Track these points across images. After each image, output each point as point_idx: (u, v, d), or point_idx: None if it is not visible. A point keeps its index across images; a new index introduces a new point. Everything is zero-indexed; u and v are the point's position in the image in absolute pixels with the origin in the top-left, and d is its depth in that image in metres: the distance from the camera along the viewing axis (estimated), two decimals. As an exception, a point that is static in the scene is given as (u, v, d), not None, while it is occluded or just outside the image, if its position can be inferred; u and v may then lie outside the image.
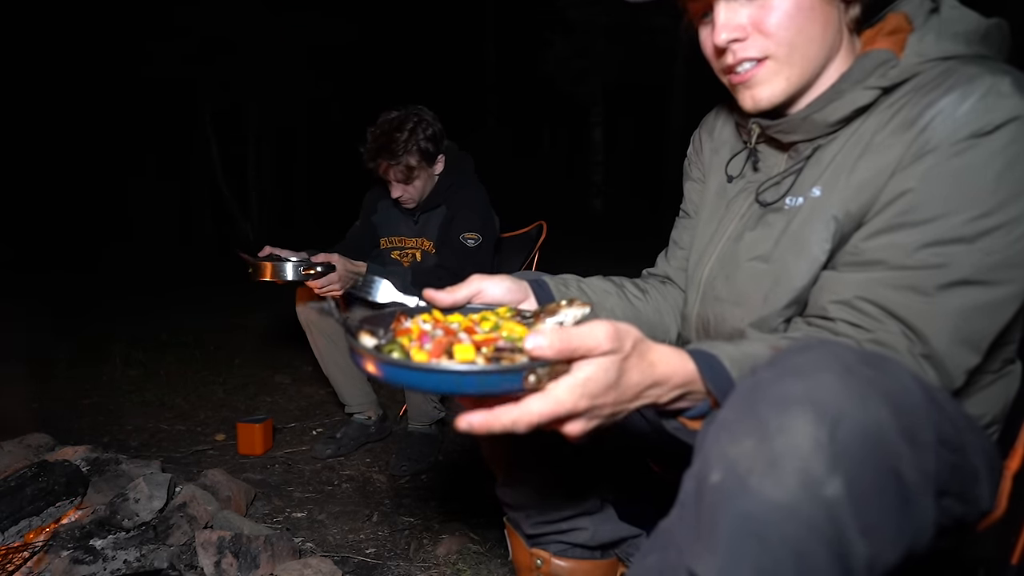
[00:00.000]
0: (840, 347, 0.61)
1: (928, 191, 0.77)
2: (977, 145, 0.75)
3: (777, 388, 0.57)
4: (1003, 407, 0.92)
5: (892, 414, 0.56)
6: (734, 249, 1.00)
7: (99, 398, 3.04)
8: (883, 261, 0.80)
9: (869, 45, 0.91)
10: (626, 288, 1.16)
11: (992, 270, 0.76)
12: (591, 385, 0.62)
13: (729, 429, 0.57)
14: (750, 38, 0.88)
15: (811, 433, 0.53)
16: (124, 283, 6.74)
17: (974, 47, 0.84)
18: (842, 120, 0.88)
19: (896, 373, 0.61)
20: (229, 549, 1.45)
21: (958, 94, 0.77)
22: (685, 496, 0.61)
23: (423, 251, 2.37)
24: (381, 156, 2.18)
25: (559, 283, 1.06)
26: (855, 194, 0.84)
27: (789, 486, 0.52)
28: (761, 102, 0.91)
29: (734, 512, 0.54)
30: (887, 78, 0.84)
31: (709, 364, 0.71)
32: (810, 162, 0.92)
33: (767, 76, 0.89)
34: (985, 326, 0.78)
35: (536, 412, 0.61)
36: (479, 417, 0.61)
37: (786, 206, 0.93)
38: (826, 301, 0.84)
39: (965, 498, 0.70)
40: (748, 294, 0.96)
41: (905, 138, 0.80)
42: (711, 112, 1.19)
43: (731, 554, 0.54)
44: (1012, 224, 0.75)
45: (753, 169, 1.03)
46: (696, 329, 1.08)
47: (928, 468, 0.58)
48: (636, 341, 0.65)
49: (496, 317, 0.80)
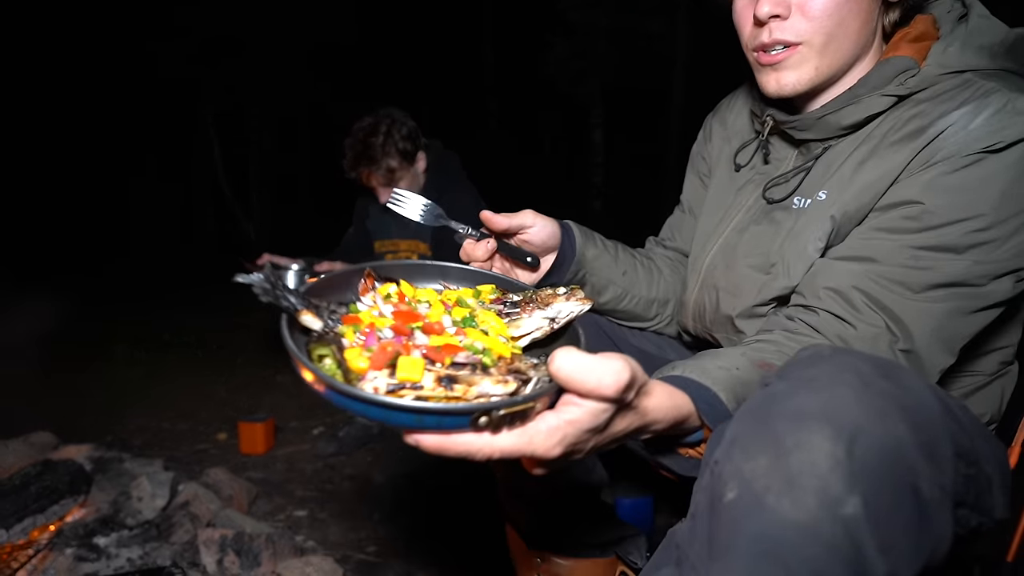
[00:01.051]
0: (854, 356, 0.59)
1: (932, 200, 0.78)
2: (987, 160, 0.76)
3: (792, 402, 0.55)
4: (1000, 407, 0.93)
5: (910, 429, 0.54)
6: (737, 241, 1.01)
7: (102, 397, 3.06)
8: (879, 258, 0.81)
9: (893, 50, 0.89)
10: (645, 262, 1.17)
11: (979, 278, 0.77)
12: (573, 433, 0.56)
13: (743, 446, 0.55)
14: (791, 18, 0.86)
15: (829, 450, 0.51)
16: (127, 283, 6.75)
17: (998, 61, 0.83)
18: (856, 124, 0.89)
19: (912, 386, 0.59)
20: (231, 547, 1.46)
21: (972, 107, 0.77)
22: (696, 508, 0.60)
23: (418, 254, 2.38)
24: (361, 164, 2.19)
25: (587, 239, 1.04)
26: (856, 195, 0.85)
27: (808, 505, 0.51)
28: (785, 88, 0.90)
29: (751, 531, 0.52)
30: (905, 87, 0.84)
31: (705, 399, 0.69)
32: (820, 161, 0.92)
33: (798, 62, 0.88)
34: (963, 329, 0.80)
35: (499, 447, 0.54)
36: (431, 440, 0.54)
37: (793, 206, 0.94)
38: (819, 287, 0.84)
39: (980, 508, 0.70)
40: (744, 286, 0.97)
41: (913, 145, 0.80)
42: (726, 99, 1.18)
43: (749, 575, 0.52)
44: (1005, 239, 0.76)
45: (763, 161, 1.03)
46: (693, 316, 1.09)
47: (946, 483, 0.57)
48: (640, 387, 0.59)
49: (475, 302, 0.71)
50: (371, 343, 0.60)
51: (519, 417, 0.53)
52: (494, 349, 0.62)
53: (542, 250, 0.99)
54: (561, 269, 1.02)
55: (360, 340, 0.60)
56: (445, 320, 0.66)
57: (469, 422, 0.52)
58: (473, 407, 0.51)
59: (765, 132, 1.00)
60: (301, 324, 0.60)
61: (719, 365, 0.74)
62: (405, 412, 0.51)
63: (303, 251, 2.22)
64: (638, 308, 1.14)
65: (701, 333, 1.09)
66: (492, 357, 0.61)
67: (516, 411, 0.52)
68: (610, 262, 1.08)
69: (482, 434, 0.54)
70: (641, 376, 0.58)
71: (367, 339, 0.60)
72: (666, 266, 1.20)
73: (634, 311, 1.14)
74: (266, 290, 0.59)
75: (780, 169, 0.99)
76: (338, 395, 0.53)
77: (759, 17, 0.87)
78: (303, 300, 0.61)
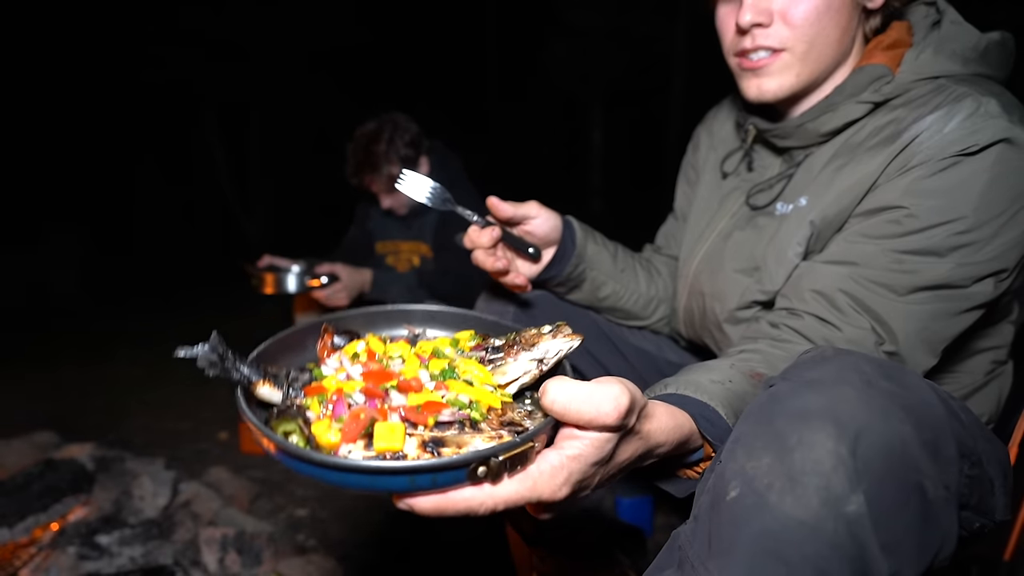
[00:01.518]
0: (857, 357, 0.59)
1: (913, 204, 0.78)
2: (963, 162, 0.76)
3: (795, 402, 0.55)
4: (997, 406, 0.94)
5: (914, 428, 0.54)
6: (722, 247, 1.02)
7: (105, 397, 3.07)
8: (863, 261, 0.81)
9: (868, 58, 0.91)
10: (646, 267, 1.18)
11: (963, 280, 0.78)
12: (578, 469, 0.53)
13: (746, 444, 0.55)
14: (773, 25, 0.87)
15: (832, 448, 0.51)
16: (129, 283, 6.77)
17: (971, 66, 0.84)
18: (834, 131, 0.90)
19: (915, 386, 0.59)
20: (232, 546, 1.46)
21: (945, 111, 0.78)
22: (699, 510, 0.60)
23: (420, 255, 2.39)
24: (363, 171, 2.19)
25: (587, 235, 1.04)
26: (835, 200, 0.86)
27: (810, 503, 0.50)
28: (766, 93, 0.91)
29: (753, 529, 0.52)
30: (880, 94, 0.85)
31: (705, 416, 0.68)
32: (801, 168, 0.93)
33: (779, 69, 0.89)
34: (947, 331, 0.80)
35: (502, 498, 0.50)
36: (427, 502, 0.50)
37: (776, 211, 0.95)
38: (804, 289, 0.84)
39: (982, 510, 0.70)
40: (728, 291, 0.98)
41: (889, 150, 0.81)
42: (713, 109, 1.20)
43: (750, 572, 0.52)
44: (986, 240, 0.77)
45: (748, 169, 1.04)
46: (684, 322, 1.10)
47: (950, 482, 0.57)
48: (640, 410, 0.56)
49: (453, 351, 0.65)
50: (340, 412, 0.53)
51: (519, 461, 0.49)
52: (481, 401, 0.57)
53: (543, 243, 1.00)
54: (561, 262, 1.02)
55: (327, 411, 0.53)
56: (422, 375, 0.59)
57: (467, 475, 0.47)
58: (469, 457, 0.47)
59: (749, 140, 1.02)
60: (258, 397, 0.54)
61: (712, 379, 0.73)
62: (394, 475, 0.46)
63: (305, 252, 2.22)
64: (636, 306, 1.15)
65: (694, 338, 1.10)
66: (480, 410, 0.56)
67: (515, 454, 0.48)
68: (609, 259, 1.09)
69: (482, 486, 0.50)
70: (640, 398, 0.56)
71: (335, 408, 0.53)
72: (664, 268, 1.21)
73: (632, 309, 1.15)
74: (213, 363, 0.53)
75: (764, 176, 1.00)
76: (312, 467, 0.46)
77: (741, 25, 0.88)
78: (257, 370, 0.55)
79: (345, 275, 2.04)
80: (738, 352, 0.82)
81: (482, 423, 0.55)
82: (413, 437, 0.51)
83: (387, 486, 0.46)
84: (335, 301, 2.06)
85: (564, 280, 1.05)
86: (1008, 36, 0.87)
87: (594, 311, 1.14)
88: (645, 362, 1.17)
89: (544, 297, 1.10)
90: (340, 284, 2.03)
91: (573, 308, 1.13)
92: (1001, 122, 0.75)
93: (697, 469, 0.73)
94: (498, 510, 0.51)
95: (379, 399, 0.55)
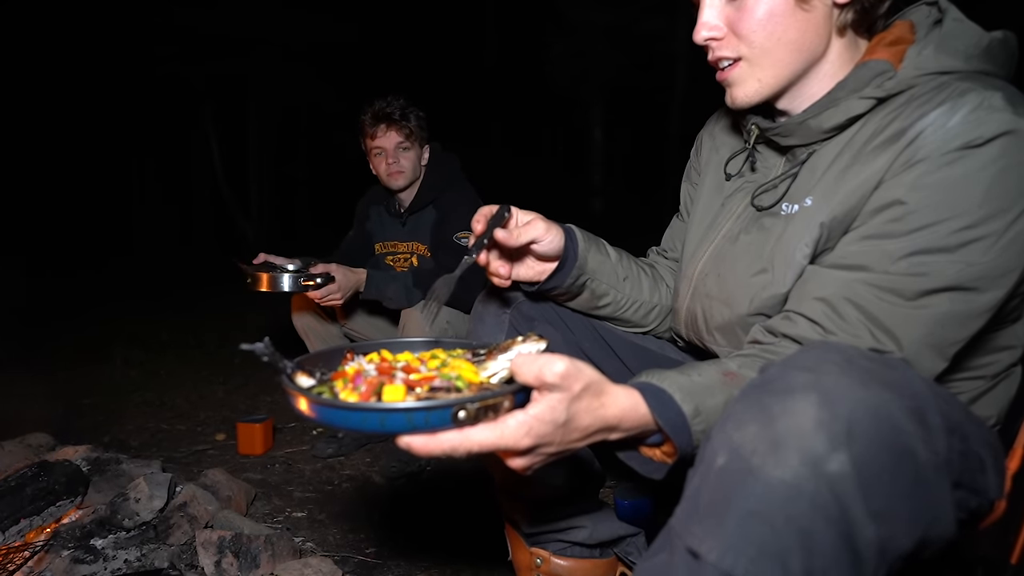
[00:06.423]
0: (841, 344, 0.63)
1: (917, 200, 0.77)
2: (967, 156, 0.75)
3: (783, 381, 0.58)
4: (1004, 408, 0.93)
5: (899, 396, 0.57)
6: (729, 250, 1.01)
7: (100, 398, 3.05)
8: (868, 266, 0.80)
9: (871, 53, 0.91)
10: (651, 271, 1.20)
11: (972, 280, 0.76)
12: (537, 425, 0.64)
13: (735, 418, 0.58)
14: (726, 38, 0.91)
15: (814, 414, 0.54)
16: (125, 283, 6.75)
17: (973, 63, 0.83)
18: (837, 127, 0.89)
19: (895, 364, 0.62)
20: (229, 549, 1.45)
21: (948, 106, 0.77)
22: (689, 491, 0.61)
23: (418, 255, 2.37)
24: (381, 120, 2.24)
25: (589, 245, 1.07)
26: (842, 200, 0.85)
27: (791, 464, 0.53)
28: (737, 100, 0.95)
29: (738, 493, 0.55)
30: (883, 89, 0.85)
31: (659, 399, 0.73)
32: (805, 167, 0.93)
33: (741, 77, 0.92)
34: (956, 334, 0.79)
35: (477, 441, 0.63)
36: (420, 440, 0.63)
37: (782, 212, 0.94)
38: (809, 295, 0.84)
39: (975, 489, 0.71)
40: (737, 295, 0.97)
41: (894, 148, 0.80)
42: (715, 114, 1.20)
43: (736, 535, 0.54)
44: (995, 236, 0.75)
45: (751, 169, 1.04)
46: (685, 323, 1.09)
47: (939, 449, 0.59)
48: (588, 383, 0.67)
49: (446, 355, 0.81)
50: (359, 383, 0.69)
51: (492, 410, 0.63)
52: (465, 376, 0.72)
53: (548, 260, 1.03)
54: (561, 274, 1.04)
55: (349, 386, 0.70)
56: (421, 368, 0.77)
57: (451, 416, 0.61)
58: (452, 401, 0.62)
59: (751, 140, 1.02)
60: (297, 384, 0.71)
61: (680, 371, 0.77)
62: (397, 412, 0.62)
63: (301, 252, 2.21)
64: (637, 315, 1.16)
65: (693, 340, 1.09)
66: (464, 382, 0.71)
67: (488, 404, 0.63)
68: (611, 268, 1.10)
69: (462, 430, 0.63)
70: (590, 374, 0.67)
71: (354, 381, 0.70)
72: (668, 275, 1.21)
73: (633, 318, 1.16)
74: (267, 355, 0.70)
75: (768, 176, 1.00)
76: (333, 410, 0.63)
77: (697, 43, 0.93)
78: (297, 365, 0.74)
79: (340, 275, 2.03)
80: (733, 356, 0.84)
81: (464, 390, 0.70)
82: (412, 397, 0.67)
83: (392, 423, 0.61)
84: (330, 301, 2.05)
85: (564, 291, 1.07)
86: (1011, 35, 0.86)
87: (594, 319, 1.16)
88: (647, 360, 1.17)
89: (543, 308, 1.13)
90: (335, 284, 2.02)
91: (571, 313, 1.15)
92: (1006, 115, 0.75)
93: (662, 450, 0.78)
94: (472, 452, 0.63)
95: (387, 375, 0.72)
